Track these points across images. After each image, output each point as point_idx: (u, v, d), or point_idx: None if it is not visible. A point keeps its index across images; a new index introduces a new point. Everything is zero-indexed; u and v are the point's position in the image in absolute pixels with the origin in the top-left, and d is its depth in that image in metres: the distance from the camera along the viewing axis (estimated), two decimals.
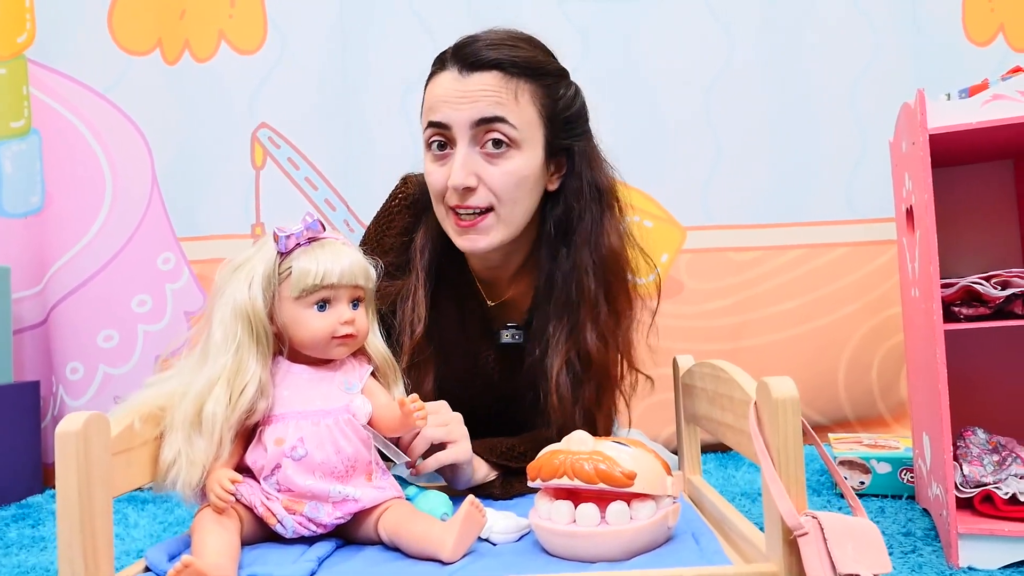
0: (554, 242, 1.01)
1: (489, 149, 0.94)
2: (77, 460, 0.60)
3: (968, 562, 1.01)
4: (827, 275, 1.86)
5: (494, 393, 1.09)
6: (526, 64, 0.96)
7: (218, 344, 0.77)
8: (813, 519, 0.56)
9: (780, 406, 0.58)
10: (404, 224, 1.07)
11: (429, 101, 0.97)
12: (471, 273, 1.09)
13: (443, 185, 0.96)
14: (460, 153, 0.94)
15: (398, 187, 1.11)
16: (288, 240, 0.78)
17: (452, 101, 0.93)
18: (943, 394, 1.02)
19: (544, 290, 1.03)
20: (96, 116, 1.76)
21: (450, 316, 1.06)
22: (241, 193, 1.81)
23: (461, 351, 1.08)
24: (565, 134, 1.01)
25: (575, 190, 1.02)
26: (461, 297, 1.08)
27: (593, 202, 1.01)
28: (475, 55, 0.94)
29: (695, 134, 1.87)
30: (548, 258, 1.02)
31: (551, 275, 1.01)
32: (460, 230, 0.98)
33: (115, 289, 1.75)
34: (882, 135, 1.82)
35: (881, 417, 1.87)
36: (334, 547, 0.77)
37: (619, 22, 1.87)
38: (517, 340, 1.08)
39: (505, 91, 0.94)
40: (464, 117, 0.93)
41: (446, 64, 0.96)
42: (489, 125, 0.93)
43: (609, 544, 0.69)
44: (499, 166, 0.95)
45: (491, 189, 0.95)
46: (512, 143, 0.95)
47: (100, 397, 1.75)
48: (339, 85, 1.82)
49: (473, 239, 0.97)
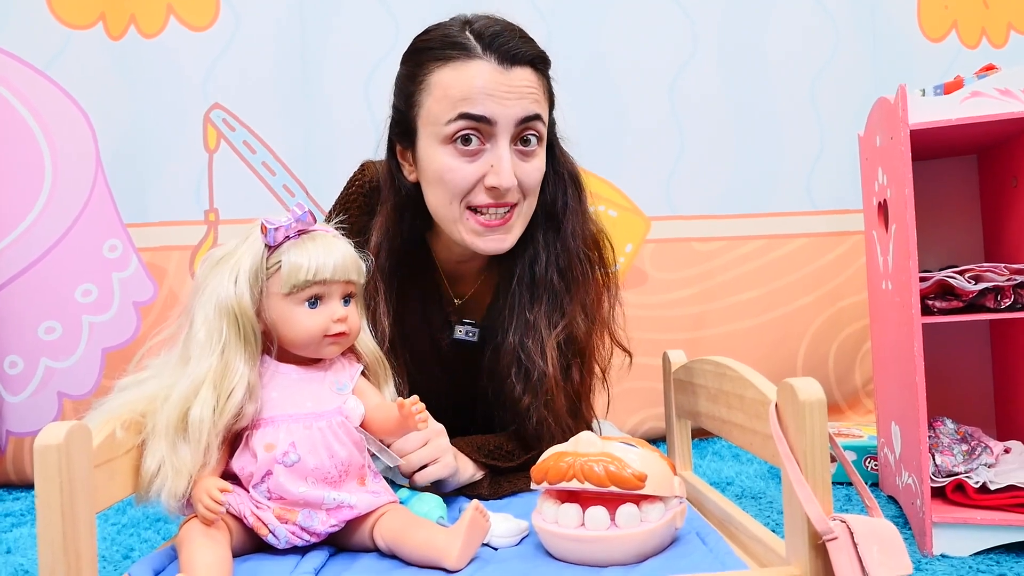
0: (536, 230, 1.01)
1: (521, 147, 0.93)
2: (60, 475, 0.55)
3: (941, 550, 1.04)
4: (786, 265, 1.89)
5: (464, 391, 1.07)
6: (547, 61, 0.97)
7: (202, 344, 0.72)
8: (842, 523, 0.56)
9: (807, 408, 0.57)
10: (361, 214, 1.04)
11: (462, 91, 0.89)
12: (438, 272, 1.06)
13: (470, 183, 0.91)
14: (504, 151, 0.90)
15: (356, 174, 1.07)
16: (277, 233, 0.73)
17: (498, 95, 0.89)
18: (920, 386, 1.04)
19: (521, 276, 1.01)
20: (34, 94, 1.64)
21: (415, 316, 1.03)
22: (193, 177, 1.72)
23: (429, 352, 1.05)
24: (551, 127, 1.02)
25: (558, 180, 1.03)
26: (425, 296, 1.05)
27: (571, 188, 1.03)
28: (515, 48, 0.90)
29: (660, 126, 1.87)
30: (530, 245, 1.01)
31: (534, 261, 1.00)
32: (483, 230, 0.93)
33: (57, 278, 1.65)
34: (842, 128, 1.86)
35: (837, 404, 1.92)
36: (328, 556, 0.73)
37: (585, 13, 1.85)
38: (471, 338, 1.05)
39: (539, 88, 0.94)
40: (511, 114, 0.90)
41: (475, 53, 0.90)
42: (529, 123, 0.92)
43: (620, 548, 0.68)
44: (530, 163, 0.94)
45: (523, 185, 0.94)
46: (540, 140, 0.95)
47: (43, 392, 1.65)
48: (298, 65, 1.75)
49: (499, 239, 0.95)
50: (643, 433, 1.79)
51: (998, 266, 1.09)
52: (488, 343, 1.03)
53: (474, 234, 0.94)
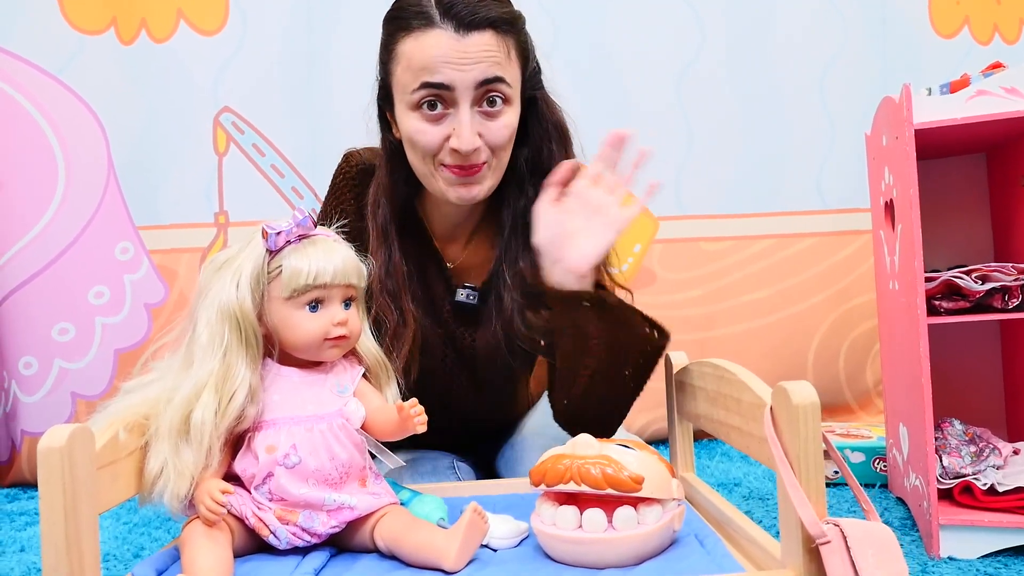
0: (523, 181, 1.03)
1: (486, 107, 0.95)
2: (63, 478, 0.56)
3: (949, 552, 1.03)
4: (797, 265, 1.88)
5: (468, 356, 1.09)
6: (512, 20, 0.97)
7: (204, 347, 0.73)
8: (836, 527, 0.56)
9: (800, 412, 0.57)
10: (354, 197, 1.07)
11: (421, 60, 0.92)
12: (429, 236, 1.09)
13: (437, 145, 0.95)
14: (464, 116, 0.93)
15: (341, 163, 1.11)
16: (278, 237, 0.74)
17: (454, 62, 0.91)
18: (926, 387, 1.04)
19: (514, 225, 1.03)
20: (48, 98, 1.67)
21: (415, 282, 1.05)
22: (203, 180, 1.74)
23: (431, 318, 1.07)
24: (531, 84, 1.03)
25: (542, 133, 1.04)
26: (421, 261, 1.08)
27: (558, 142, 1.05)
28: (471, 13, 0.91)
29: (667, 124, 1.86)
30: (517, 196, 1.04)
31: (524, 210, 1.02)
32: (455, 179, 0.96)
33: (70, 280, 1.67)
34: (852, 126, 1.84)
35: (847, 405, 1.91)
36: (328, 556, 0.74)
37: (591, 9, 1.85)
38: (472, 301, 1.08)
39: (500, 50, 0.94)
40: (468, 79, 0.91)
41: (434, 21, 0.92)
42: (490, 85, 0.93)
43: (617, 550, 0.68)
44: (497, 121, 0.95)
45: (489, 144, 0.96)
46: (507, 100, 0.96)
47: (56, 393, 1.67)
48: (305, 67, 1.76)
49: (470, 188, 0.97)
50: (651, 434, 1.79)
51: (1005, 266, 1.08)
52: (490, 304, 1.06)
53: (447, 183, 0.97)
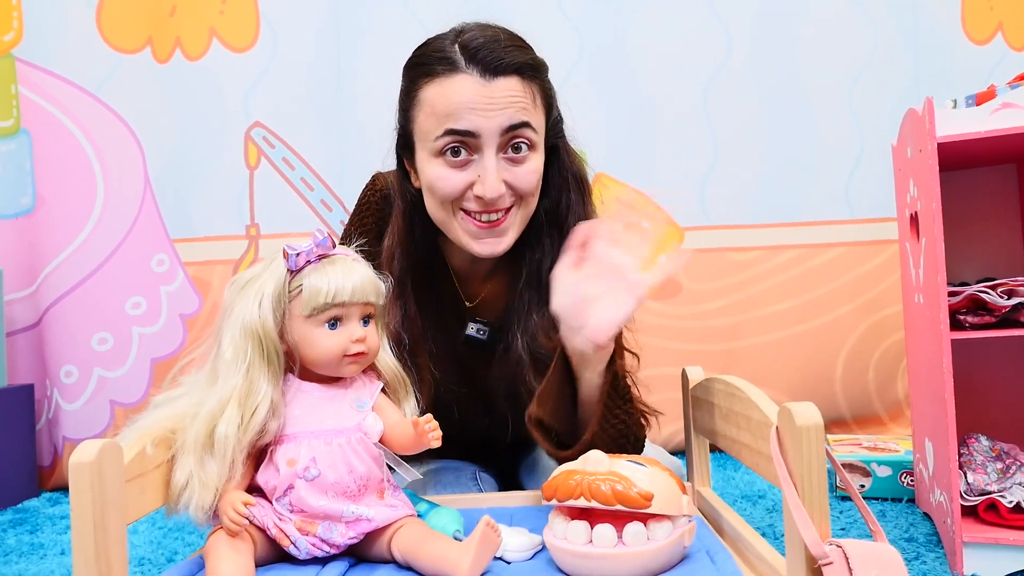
0: (541, 233, 1.02)
1: (511, 154, 0.93)
2: (92, 491, 0.59)
3: (972, 570, 1.02)
4: (824, 275, 1.86)
5: (482, 388, 1.10)
6: (537, 66, 0.96)
7: (228, 363, 0.76)
8: (838, 548, 0.56)
9: (804, 433, 0.58)
10: (376, 221, 1.07)
11: (446, 106, 0.91)
12: (450, 272, 1.09)
13: (459, 191, 0.94)
14: (490, 162, 0.92)
15: (368, 185, 1.10)
16: (298, 258, 0.77)
17: (480, 108, 0.90)
18: (949, 404, 1.02)
19: (529, 279, 1.03)
20: (86, 115, 1.73)
21: (430, 317, 1.05)
22: (235, 194, 1.79)
23: (446, 351, 1.08)
24: (554, 132, 1.02)
25: (561, 183, 1.03)
26: (438, 298, 1.08)
27: (576, 192, 1.03)
28: (497, 59, 0.90)
29: (692, 132, 1.86)
30: (534, 248, 1.02)
31: (539, 264, 1.02)
32: (478, 231, 0.95)
33: (109, 291, 1.73)
34: (881, 134, 1.82)
35: (878, 416, 1.88)
36: (347, 567, 0.76)
37: (614, 17, 1.85)
38: (481, 336, 1.08)
39: (526, 96, 0.93)
40: (494, 125, 0.90)
41: (459, 66, 0.91)
42: (516, 132, 0.92)
43: (626, 565, 0.69)
44: (523, 166, 0.94)
45: (516, 189, 0.95)
46: (532, 146, 0.95)
47: (95, 401, 1.73)
48: (333, 83, 1.80)
49: (494, 242, 0.96)
50: (676, 445, 1.79)
51: None
52: (499, 343, 1.06)
53: (469, 236, 0.96)
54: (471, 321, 1.08)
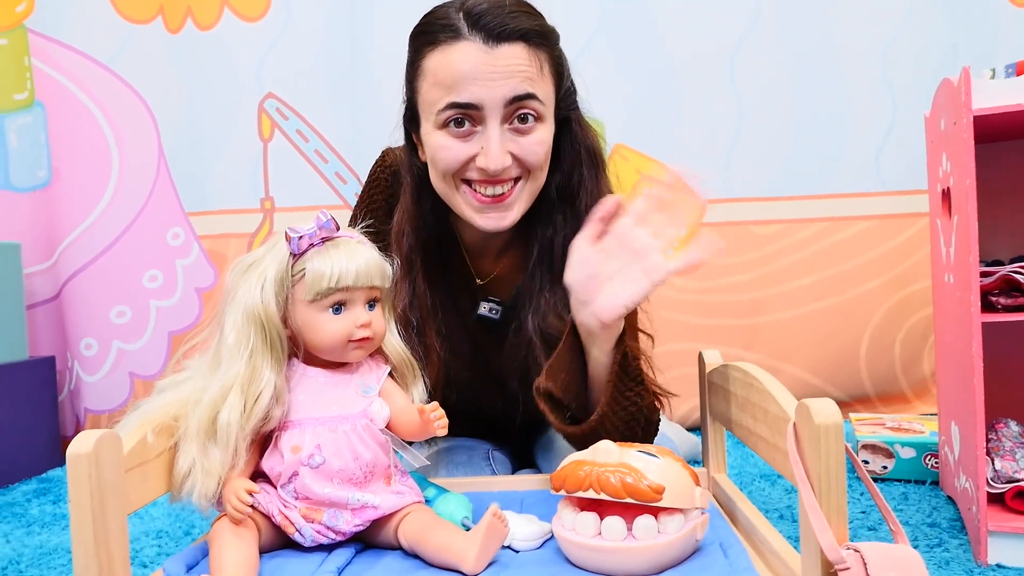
0: (552, 209, 0.99)
1: (517, 124, 0.90)
2: (90, 482, 0.58)
3: (997, 559, 0.99)
4: (851, 249, 1.81)
5: (495, 367, 1.08)
6: (545, 33, 0.91)
7: (231, 349, 0.74)
8: (855, 553, 0.54)
9: (823, 432, 0.55)
10: (386, 198, 1.05)
11: (448, 75, 0.87)
12: (462, 249, 1.06)
13: (460, 163, 0.91)
14: (493, 134, 0.88)
15: (377, 161, 1.08)
16: (301, 241, 0.75)
17: (482, 78, 0.86)
18: (978, 389, 0.99)
19: (540, 257, 1.00)
20: (100, 87, 1.72)
21: (442, 295, 1.03)
22: (249, 166, 1.77)
23: (458, 330, 1.06)
24: (566, 103, 0.98)
25: (574, 157, 0.99)
26: (449, 277, 1.05)
27: (589, 167, 1.00)
28: (501, 24, 0.86)
29: (717, 102, 1.81)
30: (545, 224, 0.99)
31: (551, 241, 0.99)
32: (481, 206, 0.92)
33: (126, 264, 1.74)
34: (916, 102, 1.75)
35: (903, 394, 1.85)
36: (353, 553, 0.75)
37: None
38: (494, 316, 1.05)
39: (532, 64, 0.89)
40: (498, 95, 0.87)
41: (462, 33, 0.87)
42: (521, 103, 0.88)
43: (636, 559, 0.67)
44: (529, 137, 0.91)
45: (523, 161, 0.91)
46: (539, 118, 0.91)
47: (115, 373, 1.75)
48: (347, 52, 1.77)
49: (499, 216, 0.93)
50: (693, 422, 1.77)
51: None
52: (511, 322, 1.03)
53: (473, 210, 0.93)
54: (483, 300, 1.06)
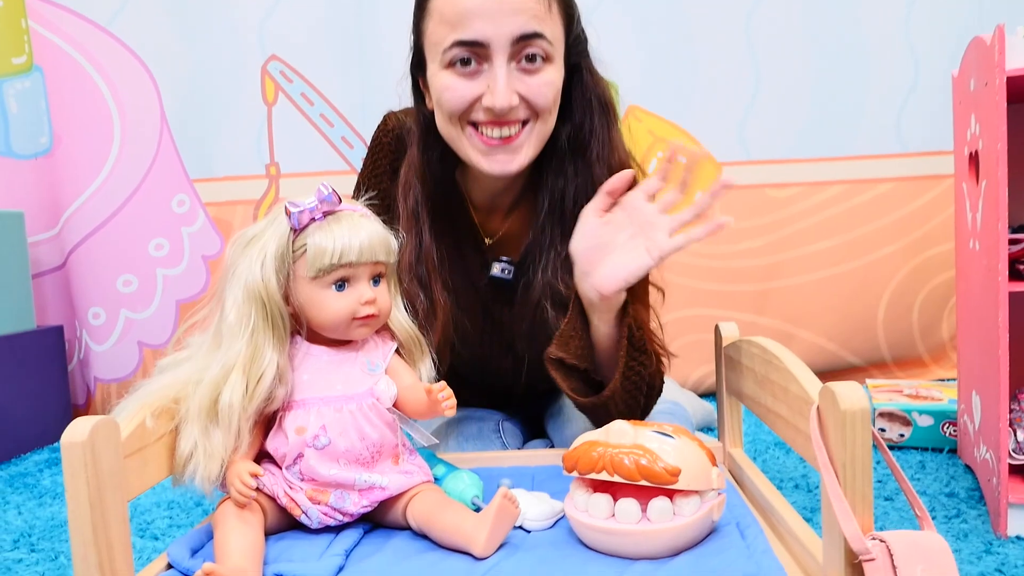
0: (563, 159, 0.97)
1: (525, 64, 0.87)
2: (86, 471, 0.56)
3: (1017, 531, 0.97)
4: (870, 212, 1.77)
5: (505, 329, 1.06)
6: None
7: (232, 327, 0.72)
8: (881, 543, 0.51)
9: (848, 419, 0.52)
10: (390, 161, 1.03)
11: (454, 12, 0.85)
12: (469, 208, 1.03)
13: (466, 103, 0.88)
14: (500, 72, 0.86)
15: (379, 125, 1.06)
16: (301, 215, 0.72)
17: (488, 15, 0.83)
18: (1003, 359, 0.96)
19: (551, 209, 0.98)
20: (99, 50, 1.68)
21: (451, 255, 1.01)
22: (253, 131, 1.74)
23: (467, 291, 1.04)
24: (576, 50, 0.95)
25: (584, 105, 0.96)
26: (457, 236, 1.03)
27: (600, 116, 0.97)
28: None
29: (733, 62, 1.75)
30: (556, 175, 0.97)
31: (561, 192, 0.97)
32: (488, 149, 0.90)
33: (131, 232, 1.71)
34: (940, 62, 1.69)
35: (920, 358, 1.82)
36: (361, 534, 0.74)
37: None
38: (507, 276, 1.03)
39: (541, 3, 0.86)
40: (504, 32, 0.84)
41: None
42: (529, 41, 0.86)
43: (651, 542, 0.66)
44: (537, 77, 0.88)
45: (531, 102, 0.88)
46: (547, 58, 0.88)
47: (124, 342, 1.74)
48: (353, 13, 1.71)
49: (507, 159, 0.90)
50: (707, 388, 1.74)
51: None
52: (520, 280, 1.01)
53: (479, 153, 0.90)
54: (495, 261, 1.03)
